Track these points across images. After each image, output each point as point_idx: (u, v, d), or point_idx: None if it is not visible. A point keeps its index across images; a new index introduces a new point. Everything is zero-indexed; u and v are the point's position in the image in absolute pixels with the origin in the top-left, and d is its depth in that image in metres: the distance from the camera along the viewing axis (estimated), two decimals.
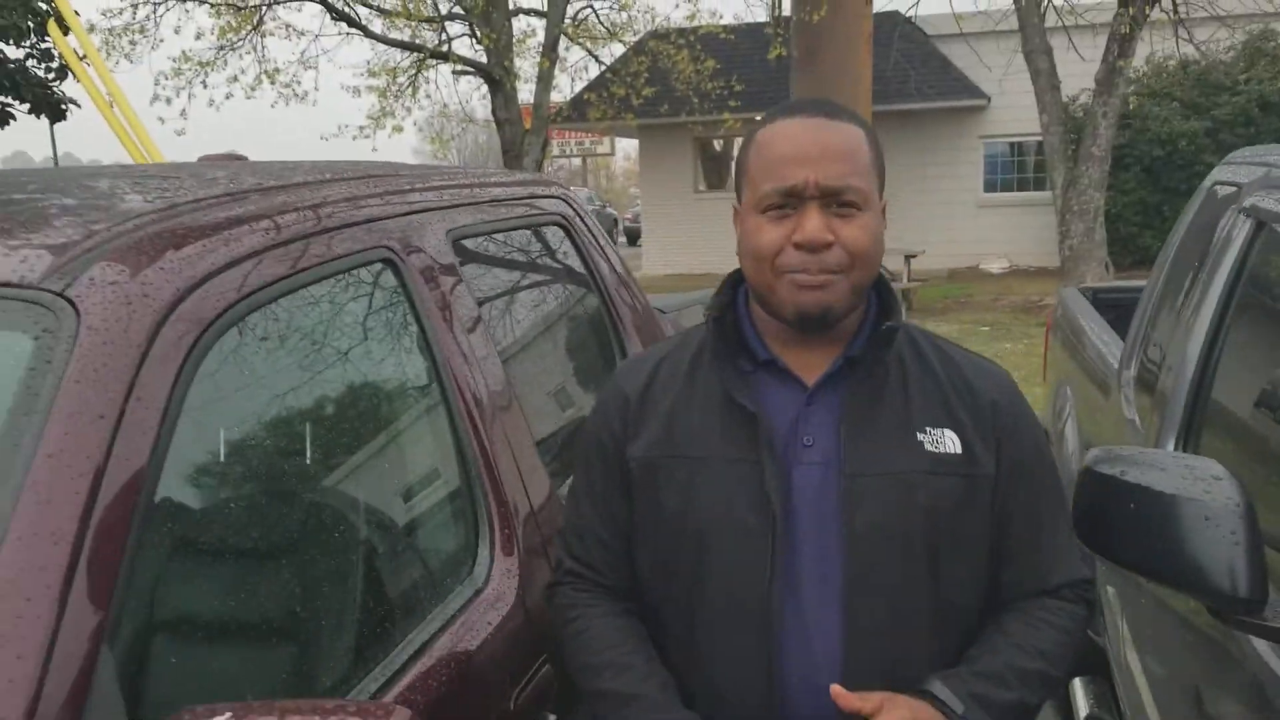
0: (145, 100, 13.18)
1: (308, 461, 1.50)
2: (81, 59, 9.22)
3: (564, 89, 17.63)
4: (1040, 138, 13.12)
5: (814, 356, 1.44)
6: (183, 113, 13.67)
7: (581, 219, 2.72)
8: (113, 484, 1.05)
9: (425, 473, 1.73)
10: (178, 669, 1.15)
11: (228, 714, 0.94)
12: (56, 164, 25.53)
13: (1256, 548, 1.43)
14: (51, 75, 10.40)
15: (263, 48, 14.19)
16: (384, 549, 1.60)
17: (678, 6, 34.31)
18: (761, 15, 14.62)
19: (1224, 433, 2.10)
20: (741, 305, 1.49)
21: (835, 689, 1.32)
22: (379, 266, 1.70)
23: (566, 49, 15.13)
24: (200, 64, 13.80)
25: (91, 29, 12.59)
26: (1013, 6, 12.33)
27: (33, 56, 10.23)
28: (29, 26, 9.72)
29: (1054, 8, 12.22)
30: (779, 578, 1.37)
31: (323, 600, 1.39)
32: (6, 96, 10.05)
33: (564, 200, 2.68)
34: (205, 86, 14.02)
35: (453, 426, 1.73)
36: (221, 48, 13.90)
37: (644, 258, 20.17)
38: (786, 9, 12.04)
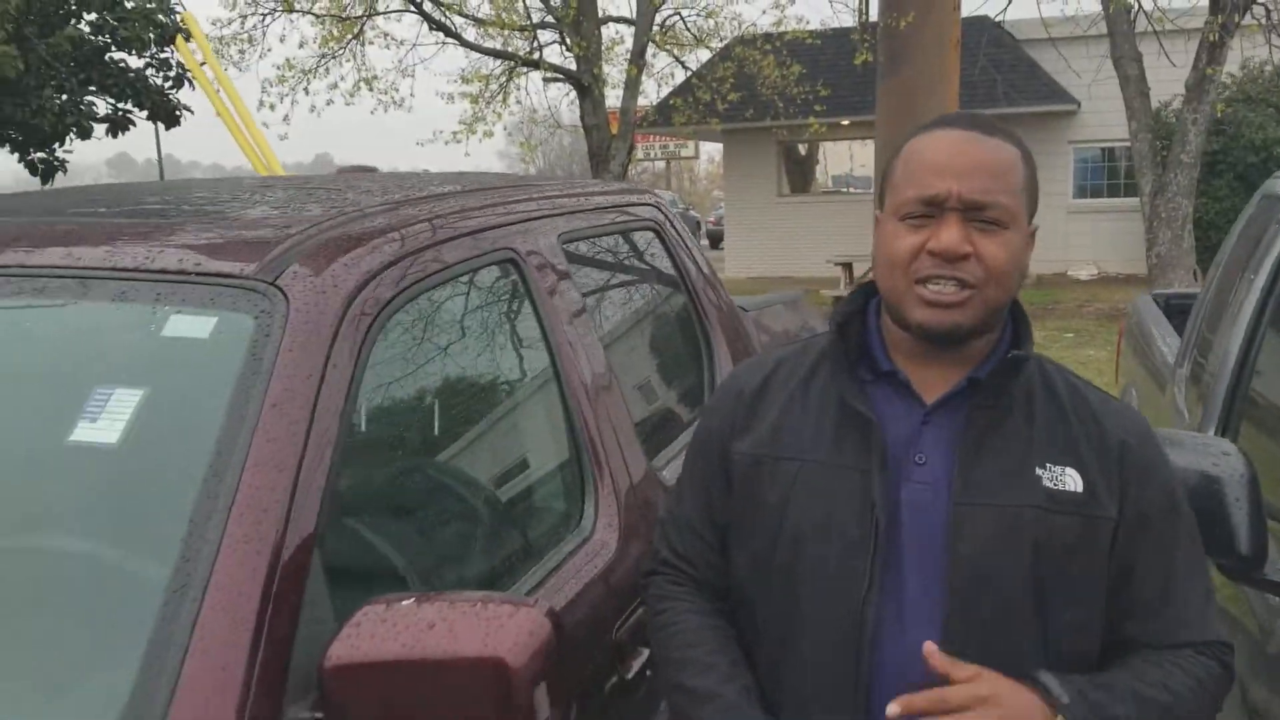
0: (252, 106, 13.86)
1: (444, 429, 1.81)
2: (201, 64, 9.77)
3: (650, 94, 17.92)
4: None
5: (938, 374, 1.40)
6: (285, 118, 14.33)
7: (671, 224, 3.00)
8: (319, 427, 1.36)
9: (543, 440, 2.04)
10: (363, 575, 1.47)
11: (411, 599, 1.24)
12: (161, 167, 26.69)
13: (1258, 513, 1.66)
14: (169, 84, 11.06)
15: (362, 56, 14.77)
16: (511, 502, 1.91)
17: (764, 13, 34.42)
18: (848, 20, 14.70)
19: (1258, 421, 2.31)
20: (871, 315, 1.47)
21: (928, 646, 1.29)
22: (504, 265, 2.00)
23: (654, 55, 15.42)
24: (303, 71, 14.44)
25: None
26: (1101, 13, 12.29)
27: (151, 66, 10.90)
28: (150, 38, 10.36)
29: (1144, 13, 12.14)
30: (876, 592, 1.35)
31: (462, 539, 1.70)
32: (128, 104, 10.72)
33: (656, 207, 2.97)
34: (307, 93, 14.67)
35: (564, 402, 2.02)
36: (323, 56, 14.51)
37: (726, 261, 20.33)
38: (873, 15, 12.20)
